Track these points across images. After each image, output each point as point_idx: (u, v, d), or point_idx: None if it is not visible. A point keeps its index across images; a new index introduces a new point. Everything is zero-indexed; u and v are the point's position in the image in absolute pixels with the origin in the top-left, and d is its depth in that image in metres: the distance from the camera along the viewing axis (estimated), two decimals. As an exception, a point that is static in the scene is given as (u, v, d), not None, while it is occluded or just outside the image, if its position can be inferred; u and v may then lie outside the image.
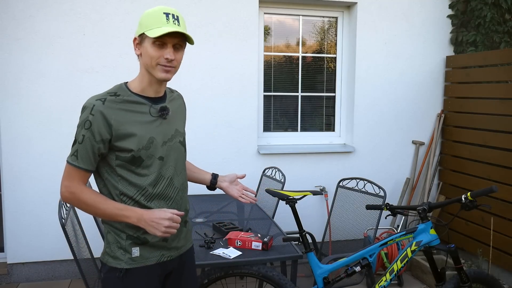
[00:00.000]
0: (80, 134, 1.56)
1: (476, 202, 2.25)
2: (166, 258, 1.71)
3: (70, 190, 1.59)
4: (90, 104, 1.56)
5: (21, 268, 3.78)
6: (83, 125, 1.56)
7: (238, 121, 4.06)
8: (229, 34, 3.95)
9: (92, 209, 1.59)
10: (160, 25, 1.56)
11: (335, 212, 3.57)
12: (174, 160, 1.72)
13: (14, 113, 3.62)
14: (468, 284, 2.38)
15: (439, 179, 4.54)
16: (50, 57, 3.64)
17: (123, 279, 1.64)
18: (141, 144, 1.60)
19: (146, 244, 1.66)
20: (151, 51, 1.59)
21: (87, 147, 1.56)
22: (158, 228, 1.57)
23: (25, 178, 3.69)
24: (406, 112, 4.43)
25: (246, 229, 2.80)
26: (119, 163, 1.60)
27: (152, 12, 1.58)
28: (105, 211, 1.58)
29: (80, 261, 2.32)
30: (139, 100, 1.64)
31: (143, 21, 1.59)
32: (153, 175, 1.64)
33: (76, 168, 1.58)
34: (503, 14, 4.23)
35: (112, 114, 1.57)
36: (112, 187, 1.63)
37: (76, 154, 1.57)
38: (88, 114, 1.55)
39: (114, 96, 1.60)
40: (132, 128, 1.59)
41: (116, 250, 1.65)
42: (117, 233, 1.65)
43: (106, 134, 1.56)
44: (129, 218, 1.58)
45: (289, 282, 2.28)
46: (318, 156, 4.27)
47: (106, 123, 1.55)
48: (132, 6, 3.75)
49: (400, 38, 4.33)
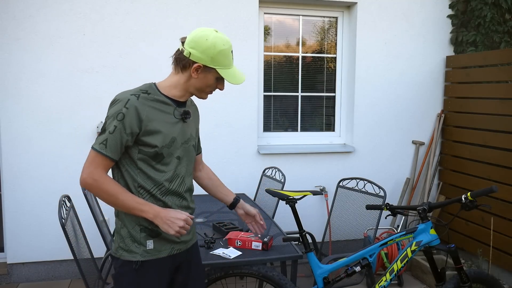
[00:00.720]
0: (112, 124, 1.63)
1: (476, 202, 2.24)
2: (175, 251, 1.80)
3: (93, 177, 1.64)
4: (124, 98, 1.65)
5: (21, 268, 3.78)
6: (115, 117, 1.63)
7: (238, 121, 4.06)
8: (229, 34, 3.95)
9: (112, 198, 1.64)
10: (229, 65, 1.73)
11: (335, 212, 3.57)
12: (187, 161, 1.83)
13: (14, 113, 3.62)
14: (468, 284, 2.38)
15: (439, 179, 4.54)
16: (50, 57, 3.64)
17: (138, 271, 1.71)
18: (165, 142, 1.70)
19: (159, 237, 1.75)
20: (211, 82, 1.74)
21: (116, 137, 1.63)
22: (172, 226, 1.65)
23: (25, 178, 3.69)
24: (406, 112, 4.43)
25: (246, 229, 2.80)
26: (141, 157, 1.69)
27: (225, 52, 1.70)
28: (124, 203, 1.64)
29: (80, 261, 2.32)
30: (166, 101, 1.74)
31: (217, 57, 1.69)
32: (170, 172, 1.74)
33: (103, 156, 1.64)
34: (503, 14, 4.23)
35: (144, 110, 1.66)
36: (131, 179, 1.71)
37: (105, 142, 1.63)
38: (122, 107, 1.63)
39: (146, 94, 1.70)
40: (159, 126, 1.69)
41: (130, 244, 1.72)
42: (132, 226, 1.72)
43: (136, 128, 1.64)
44: (146, 213, 1.65)
45: (289, 282, 2.28)
46: (318, 156, 4.27)
47: (138, 118, 1.64)
48: (132, 6, 3.75)
49: (400, 38, 4.33)
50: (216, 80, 1.74)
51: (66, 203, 2.47)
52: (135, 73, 3.81)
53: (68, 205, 2.53)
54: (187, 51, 1.69)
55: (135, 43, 3.78)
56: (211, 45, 1.67)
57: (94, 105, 3.75)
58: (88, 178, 1.64)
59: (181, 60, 1.72)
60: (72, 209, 2.57)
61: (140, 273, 1.72)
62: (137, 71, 3.81)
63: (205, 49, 1.67)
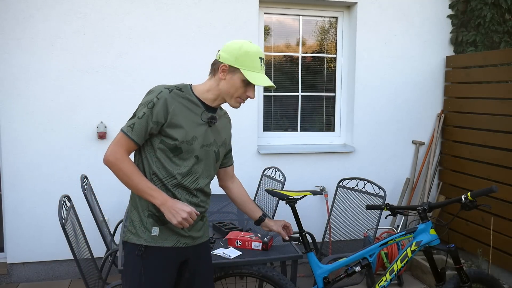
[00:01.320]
0: (142, 111, 1.76)
1: (476, 202, 2.24)
2: (181, 244, 1.86)
3: (115, 156, 1.76)
4: (158, 90, 1.78)
5: (21, 268, 3.78)
6: (146, 104, 1.76)
7: (238, 121, 4.06)
8: (229, 34, 3.95)
9: (127, 179, 1.75)
10: (256, 69, 1.80)
11: (335, 212, 3.57)
12: (206, 164, 1.91)
13: (14, 113, 3.62)
14: (468, 284, 2.38)
15: (439, 179, 4.54)
16: (50, 57, 3.64)
17: (142, 257, 1.80)
18: (186, 137, 1.80)
19: (165, 226, 1.83)
20: (239, 86, 1.82)
21: (143, 123, 1.75)
22: (175, 216, 1.73)
23: (25, 178, 3.69)
24: (406, 112, 4.43)
25: (246, 229, 2.80)
26: (161, 147, 1.80)
27: (251, 54, 1.79)
28: (138, 185, 1.75)
29: (80, 261, 2.32)
30: (197, 102, 1.85)
31: (241, 58, 1.78)
32: (186, 168, 1.83)
33: (128, 138, 1.77)
34: (503, 14, 4.23)
35: (172, 104, 1.77)
36: (148, 166, 1.82)
37: (132, 126, 1.76)
38: (154, 97, 1.76)
39: (179, 91, 1.82)
40: (183, 122, 1.80)
41: (138, 227, 1.83)
42: (141, 210, 1.83)
43: (162, 118, 1.76)
44: (154, 198, 1.75)
45: (289, 282, 2.28)
46: (318, 156, 4.27)
47: (165, 109, 1.76)
48: (132, 6, 3.75)
49: (400, 38, 4.33)
50: (243, 83, 1.81)
51: (66, 203, 2.47)
52: (135, 73, 3.81)
53: (68, 205, 2.53)
54: (218, 55, 1.84)
55: (135, 43, 3.78)
56: (238, 47, 1.80)
57: (94, 105, 3.76)
58: (110, 156, 1.76)
59: (214, 64, 1.85)
60: (72, 209, 2.57)
61: (145, 258, 1.80)
62: (137, 71, 3.81)
63: (232, 50, 1.80)
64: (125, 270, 1.86)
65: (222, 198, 3.72)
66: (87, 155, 3.77)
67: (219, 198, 3.74)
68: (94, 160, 3.79)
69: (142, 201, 1.83)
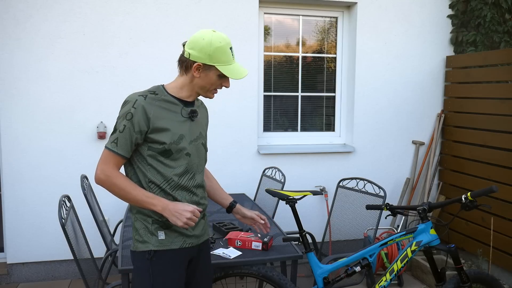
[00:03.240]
0: (122, 124, 1.75)
1: (476, 202, 2.24)
2: (187, 244, 1.88)
3: (106, 173, 1.75)
4: (133, 99, 1.76)
5: (21, 268, 3.78)
6: (124, 117, 1.75)
7: (238, 121, 4.06)
8: (229, 34, 3.95)
9: (123, 193, 1.75)
10: (229, 61, 1.80)
11: (335, 212, 3.57)
12: (197, 158, 1.91)
13: (14, 113, 3.62)
14: (468, 284, 2.38)
15: (439, 179, 4.54)
16: (50, 57, 3.64)
17: (152, 261, 1.81)
18: (172, 138, 1.79)
19: (170, 229, 1.83)
20: (215, 80, 1.82)
21: (126, 136, 1.75)
22: (180, 218, 1.74)
23: (25, 178, 3.69)
24: (406, 112, 4.43)
25: (246, 229, 2.80)
26: (151, 153, 1.79)
27: (223, 48, 1.77)
28: (135, 197, 1.75)
29: (80, 261, 2.32)
30: (173, 101, 1.84)
31: (214, 54, 1.76)
32: (181, 168, 1.83)
33: (114, 153, 1.76)
34: (503, 14, 4.23)
35: (151, 109, 1.76)
36: (142, 175, 1.81)
37: (116, 141, 1.75)
38: (131, 107, 1.74)
39: (153, 94, 1.80)
40: (166, 124, 1.79)
41: (144, 234, 1.82)
42: (144, 218, 1.83)
43: (144, 126, 1.75)
44: (155, 206, 1.75)
45: (289, 282, 2.28)
46: (318, 156, 4.27)
47: (145, 116, 1.74)
48: (132, 6, 3.75)
49: (400, 38, 4.33)
50: (218, 77, 1.81)
51: (66, 203, 2.47)
52: (135, 73, 3.81)
53: (68, 205, 2.53)
54: (187, 52, 1.80)
55: (135, 43, 3.78)
56: (207, 44, 1.76)
57: (94, 105, 3.76)
58: (101, 174, 1.76)
59: (183, 62, 1.82)
60: (72, 209, 2.57)
61: (154, 263, 1.81)
62: (137, 71, 3.81)
63: (202, 47, 1.76)
64: (135, 278, 1.85)
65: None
66: (87, 155, 3.77)
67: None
68: (94, 160, 3.79)
69: (141, 210, 1.83)
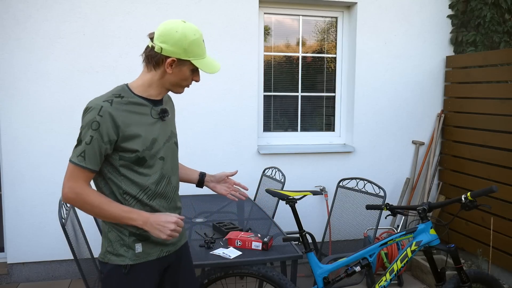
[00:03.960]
0: (87, 135, 1.57)
1: (476, 202, 2.25)
2: (164, 253, 1.77)
3: (75, 191, 1.58)
4: (97, 105, 1.58)
5: (21, 268, 3.78)
6: (90, 126, 1.57)
7: (238, 121, 4.06)
8: (229, 34, 3.95)
9: (97, 210, 1.59)
10: (203, 54, 1.68)
11: (335, 212, 3.57)
12: (171, 160, 1.79)
13: (14, 113, 3.62)
14: (468, 284, 2.38)
15: (439, 179, 4.54)
16: (50, 57, 3.64)
17: (127, 275, 1.67)
18: (145, 145, 1.65)
19: (148, 240, 1.71)
20: (187, 75, 1.69)
21: (95, 147, 1.57)
22: (163, 231, 1.62)
23: (25, 178, 3.69)
24: (406, 112, 4.43)
25: (246, 229, 2.80)
26: (123, 163, 1.64)
27: (197, 41, 1.65)
28: (111, 213, 1.60)
29: (80, 261, 2.32)
30: (141, 102, 1.68)
31: (190, 48, 1.63)
32: (156, 175, 1.70)
33: (82, 168, 1.58)
34: (503, 14, 4.23)
35: (120, 116, 1.60)
36: (115, 186, 1.66)
37: (83, 155, 1.57)
38: (96, 115, 1.56)
39: (119, 98, 1.63)
40: (137, 130, 1.64)
41: (119, 247, 1.68)
42: (120, 230, 1.68)
43: (113, 135, 1.59)
44: (135, 220, 1.61)
45: (289, 282, 2.29)
46: (318, 156, 4.27)
47: (114, 124, 1.58)
48: (132, 6, 3.75)
49: (400, 38, 4.33)
50: (191, 72, 1.69)
51: (66, 203, 2.47)
52: (135, 73, 3.81)
53: (68, 205, 2.53)
54: (158, 47, 1.63)
55: (135, 43, 3.78)
56: (181, 37, 1.61)
57: (94, 105, 3.75)
58: (70, 193, 1.58)
59: (153, 57, 1.65)
60: (72, 209, 2.57)
61: (129, 277, 1.68)
62: (137, 71, 3.81)
63: (176, 41, 1.61)
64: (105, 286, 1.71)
65: (222, 198, 3.73)
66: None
67: (219, 198, 3.74)
68: (94, 160, 3.78)
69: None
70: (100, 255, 1.72)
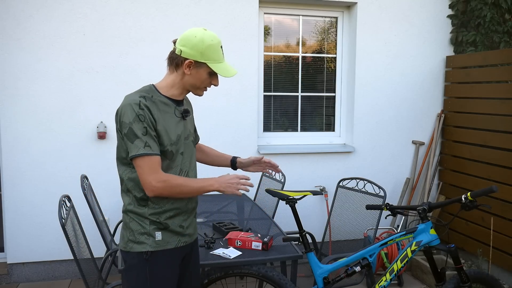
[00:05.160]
0: (139, 127, 1.72)
1: (476, 202, 2.25)
2: (182, 243, 1.90)
3: (161, 179, 1.72)
4: (135, 101, 1.73)
5: (21, 268, 3.78)
6: (137, 120, 1.72)
7: (238, 121, 4.06)
8: (229, 34, 3.95)
9: (185, 188, 1.77)
10: (220, 60, 1.81)
11: (335, 212, 3.57)
12: (189, 156, 1.94)
13: (14, 113, 3.62)
14: (468, 284, 2.38)
15: (439, 179, 4.54)
16: (50, 57, 3.64)
17: (148, 261, 1.80)
18: (172, 140, 1.82)
19: (167, 229, 1.84)
20: (205, 78, 1.82)
21: (151, 135, 1.74)
22: (235, 186, 1.81)
23: (25, 178, 3.69)
24: (406, 112, 4.43)
25: (246, 229, 2.80)
26: None
27: (214, 46, 1.79)
28: (196, 187, 1.79)
29: (80, 261, 2.32)
30: (167, 101, 1.84)
31: (206, 52, 1.77)
32: (177, 168, 1.86)
33: (154, 156, 1.73)
34: (503, 14, 4.23)
35: (153, 110, 1.77)
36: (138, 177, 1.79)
37: (148, 144, 1.72)
38: (138, 109, 1.72)
39: (150, 96, 1.80)
40: (165, 125, 1.80)
41: (140, 236, 1.81)
42: (141, 219, 1.82)
43: (154, 125, 1.76)
44: (213, 186, 1.80)
45: (289, 282, 2.28)
46: (318, 156, 4.27)
47: (152, 117, 1.75)
48: (132, 6, 3.75)
49: (400, 38, 4.33)
50: (209, 75, 1.83)
51: (66, 203, 2.47)
52: (135, 73, 3.81)
53: (68, 205, 2.53)
54: (178, 49, 1.80)
55: (135, 43, 3.78)
56: (199, 41, 1.77)
57: (94, 105, 3.76)
58: (157, 183, 1.72)
59: (174, 59, 1.82)
60: (72, 209, 2.57)
61: (150, 263, 1.81)
62: (137, 71, 3.81)
63: (194, 45, 1.77)
64: (127, 276, 1.84)
65: (222, 198, 3.73)
66: (87, 155, 3.77)
67: (219, 198, 3.74)
68: (94, 160, 3.79)
69: (140, 210, 1.81)
70: (122, 245, 1.85)
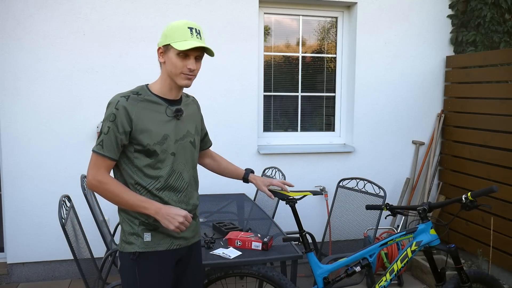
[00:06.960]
0: (106, 126, 1.75)
1: (476, 202, 2.24)
2: (175, 246, 1.87)
3: (97, 179, 1.75)
4: (115, 100, 1.76)
5: (21, 268, 3.78)
6: (108, 118, 1.75)
7: (238, 121, 4.06)
8: (229, 34, 3.95)
9: (116, 198, 1.75)
10: (185, 38, 1.75)
11: (335, 212, 3.57)
12: (184, 157, 1.90)
13: (14, 113, 3.62)
14: (468, 284, 2.38)
15: (439, 179, 4.54)
16: (50, 57, 3.64)
17: (137, 262, 1.80)
18: (156, 139, 1.79)
19: (157, 231, 1.83)
20: (176, 61, 1.77)
21: (111, 137, 1.74)
22: (172, 222, 1.74)
23: (25, 178, 3.69)
24: (406, 112, 4.43)
25: (246, 229, 2.80)
26: (137, 155, 1.79)
27: (178, 26, 1.77)
28: (128, 201, 1.75)
29: (80, 261, 2.32)
30: (157, 100, 1.83)
31: (169, 33, 1.77)
32: (167, 168, 1.83)
33: (101, 156, 1.75)
34: (503, 14, 4.23)
35: (133, 110, 1.76)
36: (128, 177, 1.81)
37: (101, 143, 1.75)
38: (113, 109, 1.75)
39: (136, 95, 1.80)
40: (148, 125, 1.78)
41: (129, 236, 1.82)
42: (131, 220, 1.82)
43: (127, 126, 1.75)
44: (148, 209, 1.75)
45: (289, 282, 2.28)
46: (318, 156, 4.27)
47: (128, 117, 1.75)
48: (132, 6, 3.75)
49: (400, 38, 4.33)
50: (178, 57, 1.76)
51: (66, 203, 2.47)
52: (135, 73, 3.81)
53: (68, 205, 2.53)
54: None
55: (135, 43, 3.78)
56: (166, 27, 1.80)
57: (94, 105, 3.76)
58: (92, 180, 1.75)
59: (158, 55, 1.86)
60: (72, 209, 2.57)
61: (139, 265, 1.80)
62: (137, 71, 3.81)
63: (162, 32, 1.81)
64: (121, 276, 1.87)
65: (222, 198, 3.73)
66: (87, 155, 3.77)
67: (219, 198, 3.74)
68: (94, 160, 3.78)
69: (128, 211, 1.82)
70: (119, 247, 1.87)
